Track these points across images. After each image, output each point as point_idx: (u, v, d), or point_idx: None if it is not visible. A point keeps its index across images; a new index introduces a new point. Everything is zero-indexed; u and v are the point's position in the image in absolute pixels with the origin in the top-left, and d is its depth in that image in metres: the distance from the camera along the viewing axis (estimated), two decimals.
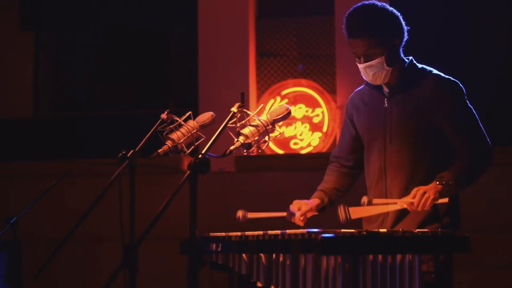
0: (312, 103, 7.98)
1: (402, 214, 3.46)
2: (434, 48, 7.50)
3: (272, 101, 7.99)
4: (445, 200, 3.34)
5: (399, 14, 3.55)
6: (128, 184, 3.06)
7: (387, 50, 3.46)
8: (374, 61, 3.45)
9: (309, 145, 7.94)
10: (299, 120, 7.97)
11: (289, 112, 3.23)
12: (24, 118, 8.59)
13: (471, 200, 6.86)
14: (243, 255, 3.28)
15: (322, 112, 7.94)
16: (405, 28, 3.55)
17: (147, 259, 3.84)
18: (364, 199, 3.35)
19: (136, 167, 3.09)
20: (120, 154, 3.11)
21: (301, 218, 3.59)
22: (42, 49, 8.83)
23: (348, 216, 3.31)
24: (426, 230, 3.11)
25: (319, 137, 7.93)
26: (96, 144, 8.12)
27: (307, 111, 7.98)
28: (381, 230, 3.11)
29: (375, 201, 3.39)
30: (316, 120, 7.96)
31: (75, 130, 8.51)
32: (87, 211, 2.99)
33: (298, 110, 7.96)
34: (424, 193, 3.31)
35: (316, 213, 3.65)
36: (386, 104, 3.55)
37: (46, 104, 8.75)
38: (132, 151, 3.10)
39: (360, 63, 3.50)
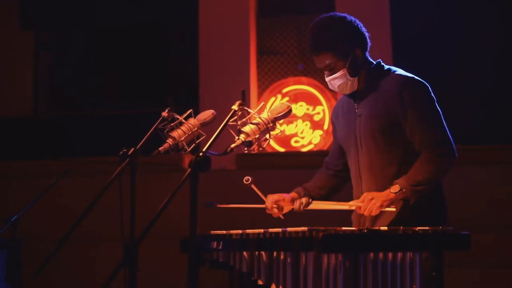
0: (313, 101, 7.98)
1: (377, 216, 3.49)
2: (434, 47, 7.49)
3: (273, 99, 7.98)
4: (392, 209, 3.40)
5: (358, 22, 3.59)
6: (128, 183, 3.06)
7: (349, 61, 3.53)
8: (337, 73, 3.54)
9: (310, 143, 7.93)
10: (300, 118, 7.96)
11: (290, 110, 3.24)
12: (24, 118, 8.58)
13: (471, 198, 6.84)
14: (244, 253, 3.28)
15: (323, 110, 7.94)
16: (367, 35, 3.60)
17: (147, 257, 3.83)
18: (303, 200, 3.47)
19: (136, 165, 3.09)
20: (121, 152, 3.10)
21: (275, 206, 3.68)
22: (42, 49, 8.82)
23: (301, 207, 3.46)
24: (427, 228, 3.10)
25: (320, 135, 7.92)
26: (96, 143, 8.11)
27: (308, 109, 7.97)
28: (381, 228, 3.11)
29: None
30: (317, 118, 7.95)
31: (74, 129, 8.49)
32: (87, 209, 2.98)
33: (299, 108, 7.95)
34: (371, 199, 3.39)
35: (292, 207, 3.67)
36: (357, 110, 3.62)
37: (45, 103, 8.74)
38: (132, 149, 3.10)
39: (326, 76, 3.58)
